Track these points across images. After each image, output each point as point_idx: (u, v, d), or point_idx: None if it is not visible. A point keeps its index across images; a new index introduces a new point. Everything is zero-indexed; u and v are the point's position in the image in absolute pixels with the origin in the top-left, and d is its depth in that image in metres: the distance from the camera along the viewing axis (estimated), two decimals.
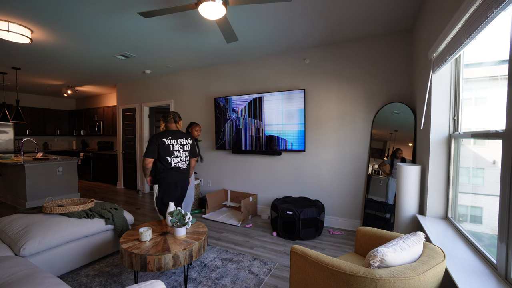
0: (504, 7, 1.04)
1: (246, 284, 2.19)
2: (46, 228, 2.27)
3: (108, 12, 2.61)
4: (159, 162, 2.61)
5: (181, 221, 2.16)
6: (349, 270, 1.14)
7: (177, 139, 2.68)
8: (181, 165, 2.71)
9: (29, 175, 4.37)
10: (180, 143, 2.69)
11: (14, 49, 3.66)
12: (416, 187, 2.17)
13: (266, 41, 3.45)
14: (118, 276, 2.31)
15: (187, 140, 2.76)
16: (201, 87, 4.79)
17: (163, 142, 2.59)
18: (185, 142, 2.74)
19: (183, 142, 2.72)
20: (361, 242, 1.86)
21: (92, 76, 5.40)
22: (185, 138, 2.75)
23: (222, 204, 4.43)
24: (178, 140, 2.68)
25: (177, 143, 2.67)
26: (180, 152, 2.69)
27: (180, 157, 2.70)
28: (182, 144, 2.71)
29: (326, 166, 3.62)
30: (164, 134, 2.63)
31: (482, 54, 1.72)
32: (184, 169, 2.77)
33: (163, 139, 2.59)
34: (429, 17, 2.21)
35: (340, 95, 3.49)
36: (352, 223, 3.46)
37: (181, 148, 2.69)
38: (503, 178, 1.16)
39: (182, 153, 2.71)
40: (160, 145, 2.57)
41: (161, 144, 2.58)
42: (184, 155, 2.73)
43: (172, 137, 2.65)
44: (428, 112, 2.13)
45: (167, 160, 2.61)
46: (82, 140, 8.33)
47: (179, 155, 2.68)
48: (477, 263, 1.33)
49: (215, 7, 2.03)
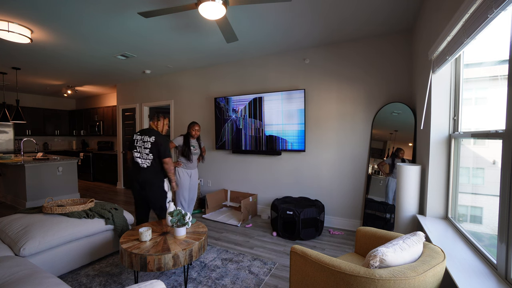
0: (504, 7, 1.04)
1: (246, 284, 2.19)
2: (46, 228, 2.27)
3: (108, 12, 2.61)
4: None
5: (181, 221, 2.16)
6: (349, 270, 1.14)
7: (142, 135, 2.75)
8: (141, 161, 2.71)
9: (29, 175, 4.37)
10: (142, 140, 2.74)
11: (14, 49, 3.66)
12: (416, 187, 2.17)
13: (266, 41, 3.45)
14: (118, 276, 2.31)
15: (150, 138, 2.73)
16: (201, 87, 4.79)
17: (132, 137, 2.82)
18: (147, 140, 2.73)
19: (145, 140, 2.73)
20: (361, 242, 1.86)
21: (92, 76, 5.40)
22: (148, 136, 2.74)
23: (222, 204, 4.43)
24: (141, 137, 2.75)
25: (140, 139, 2.74)
26: (141, 149, 2.74)
27: (141, 153, 2.73)
28: (144, 141, 2.73)
29: (326, 166, 3.62)
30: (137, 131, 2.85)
31: (482, 54, 1.72)
32: (146, 167, 2.71)
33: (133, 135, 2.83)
34: (429, 17, 2.21)
35: (340, 95, 3.49)
36: (352, 223, 3.46)
37: (142, 145, 2.73)
38: (503, 178, 1.16)
39: (143, 150, 2.74)
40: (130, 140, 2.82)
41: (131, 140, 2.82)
42: (145, 152, 2.71)
43: (140, 134, 2.78)
44: (428, 112, 2.13)
45: (133, 154, 2.76)
46: (82, 140, 8.33)
47: (140, 151, 2.74)
48: (477, 263, 1.33)
49: (215, 7, 2.03)
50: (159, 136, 2.77)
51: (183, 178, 3.38)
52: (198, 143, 3.52)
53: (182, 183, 3.37)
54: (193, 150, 3.40)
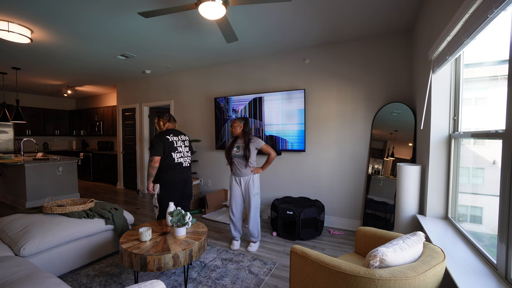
0: (504, 7, 1.04)
1: (246, 284, 2.19)
2: (46, 228, 2.27)
3: (108, 12, 2.61)
4: (164, 160, 2.72)
5: (181, 221, 2.16)
6: (349, 270, 1.14)
7: (177, 135, 2.84)
8: (183, 160, 2.83)
9: (29, 175, 4.37)
10: (181, 139, 2.86)
11: (14, 49, 3.66)
12: (416, 187, 2.17)
13: (266, 41, 3.45)
14: (118, 276, 2.31)
15: (185, 136, 2.95)
16: (201, 87, 4.79)
17: (167, 139, 2.72)
18: (185, 138, 2.92)
19: (183, 138, 2.89)
20: (361, 242, 1.86)
21: (92, 76, 5.40)
22: (183, 135, 2.93)
23: (222, 204, 4.42)
24: (179, 137, 2.85)
25: (179, 139, 2.83)
26: (182, 148, 2.84)
27: (183, 152, 2.83)
28: (182, 140, 2.87)
29: (326, 166, 3.62)
30: (166, 132, 2.78)
31: (482, 54, 1.72)
32: (187, 166, 2.89)
33: (166, 137, 2.73)
34: (429, 17, 2.21)
35: (340, 95, 3.49)
36: (352, 223, 3.46)
37: (182, 144, 2.85)
38: (503, 178, 1.16)
39: (184, 149, 2.85)
40: (165, 142, 2.70)
41: (166, 142, 2.71)
42: (186, 150, 2.88)
43: (173, 134, 2.81)
44: (428, 112, 2.13)
45: (172, 156, 2.73)
46: (82, 140, 8.33)
47: (181, 150, 2.82)
48: (477, 263, 1.33)
49: (215, 7, 2.03)
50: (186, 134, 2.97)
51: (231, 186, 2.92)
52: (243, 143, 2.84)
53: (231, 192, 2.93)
54: (234, 153, 2.83)
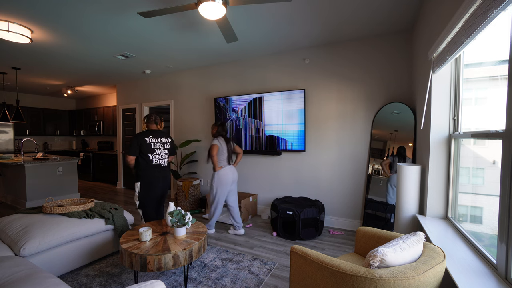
0: (504, 7, 1.04)
1: (246, 284, 2.19)
2: (46, 228, 2.27)
3: (108, 12, 2.61)
4: (141, 159, 2.82)
5: (181, 221, 2.16)
6: (349, 270, 1.14)
7: (158, 137, 2.92)
8: (162, 162, 2.95)
9: (29, 175, 4.37)
10: (161, 142, 2.94)
11: (14, 49, 3.66)
12: (416, 187, 2.17)
13: (266, 41, 3.45)
14: (118, 276, 2.31)
15: (167, 139, 3.03)
16: (201, 87, 4.79)
17: (145, 141, 2.82)
18: (166, 141, 3.00)
19: (163, 141, 2.98)
20: (361, 242, 1.86)
21: (92, 76, 5.40)
22: (166, 138, 3.02)
23: None
24: (159, 139, 2.93)
25: (158, 141, 2.92)
26: (161, 150, 2.93)
27: (161, 154, 2.94)
28: (162, 142, 2.96)
29: (326, 166, 3.62)
30: (146, 133, 2.86)
31: (482, 54, 1.72)
32: (166, 166, 3.01)
33: (144, 138, 2.82)
34: (429, 17, 2.21)
35: (340, 95, 3.49)
36: (352, 223, 3.46)
37: (161, 147, 2.94)
38: (503, 178, 1.16)
39: (163, 151, 2.96)
40: (141, 143, 2.80)
41: (142, 143, 2.80)
42: (165, 153, 2.98)
43: (153, 136, 2.89)
44: (428, 112, 2.13)
45: (149, 157, 2.83)
46: (82, 140, 8.33)
47: (160, 152, 2.92)
48: (477, 263, 1.33)
49: (215, 7, 2.03)
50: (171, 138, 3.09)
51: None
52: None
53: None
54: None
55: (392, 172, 3.07)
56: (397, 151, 3.05)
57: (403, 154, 2.98)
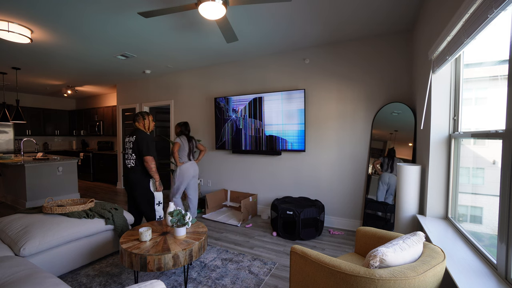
0: (504, 7, 1.04)
1: (246, 284, 2.19)
2: (46, 228, 2.27)
3: (108, 12, 2.61)
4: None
5: (181, 221, 2.16)
6: (349, 270, 1.14)
7: (129, 136, 2.85)
8: (127, 162, 2.84)
9: (29, 175, 4.37)
10: (128, 140, 2.84)
11: (14, 49, 3.66)
12: (416, 187, 2.17)
13: (266, 41, 3.45)
14: (118, 276, 2.31)
15: (132, 137, 2.81)
16: (201, 87, 4.79)
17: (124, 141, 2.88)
18: (131, 140, 2.81)
19: (130, 140, 2.82)
20: (361, 242, 1.86)
21: (92, 76, 5.40)
22: (130, 136, 2.84)
23: (222, 204, 4.43)
24: (126, 138, 2.87)
25: (128, 141, 2.84)
26: (128, 150, 2.84)
27: (128, 154, 2.83)
28: (130, 141, 2.82)
29: (326, 166, 3.62)
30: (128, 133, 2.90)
31: (482, 54, 1.72)
32: (130, 168, 2.80)
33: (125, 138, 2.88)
34: (429, 17, 2.21)
35: (340, 95, 3.49)
36: (352, 223, 3.46)
37: (129, 146, 2.83)
38: (503, 178, 1.16)
39: (129, 150, 2.83)
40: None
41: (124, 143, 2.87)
42: (130, 152, 2.82)
43: (128, 135, 2.87)
44: (428, 112, 2.13)
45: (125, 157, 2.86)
46: (82, 140, 8.33)
47: (127, 152, 2.84)
48: (477, 263, 1.33)
49: (215, 7, 2.03)
50: (141, 134, 2.80)
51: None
52: None
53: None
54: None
55: (382, 171, 3.14)
56: (387, 152, 3.11)
57: (392, 155, 3.07)
